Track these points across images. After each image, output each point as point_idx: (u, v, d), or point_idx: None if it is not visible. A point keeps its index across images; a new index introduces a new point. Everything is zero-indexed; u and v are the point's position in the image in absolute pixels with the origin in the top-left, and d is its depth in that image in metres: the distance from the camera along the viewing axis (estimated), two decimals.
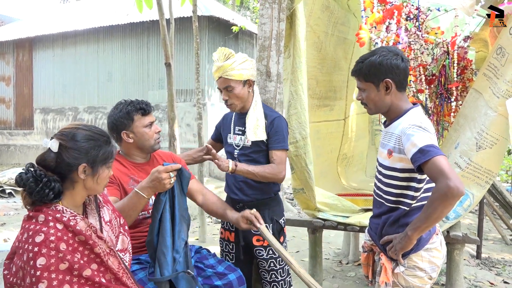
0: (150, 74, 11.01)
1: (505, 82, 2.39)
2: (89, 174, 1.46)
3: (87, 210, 1.56)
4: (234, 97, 2.17)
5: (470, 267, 4.13)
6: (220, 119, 2.47)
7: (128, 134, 2.03)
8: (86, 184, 1.47)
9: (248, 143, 2.23)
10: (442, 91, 3.17)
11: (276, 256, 2.26)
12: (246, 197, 2.25)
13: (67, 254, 1.35)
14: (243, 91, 2.18)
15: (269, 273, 2.27)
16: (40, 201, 1.40)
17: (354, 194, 3.72)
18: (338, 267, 4.21)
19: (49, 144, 1.44)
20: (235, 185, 2.28)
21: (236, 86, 2.15)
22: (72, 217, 1.41)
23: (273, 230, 2.26)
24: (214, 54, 2.19)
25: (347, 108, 4.44)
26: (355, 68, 1.83)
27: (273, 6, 2.50)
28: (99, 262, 1.44)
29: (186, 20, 9.83)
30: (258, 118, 2.18)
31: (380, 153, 1.87)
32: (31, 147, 13.08)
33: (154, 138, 2.07)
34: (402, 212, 1.76)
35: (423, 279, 1.75)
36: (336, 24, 3.80)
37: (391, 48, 1.80)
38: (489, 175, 2.55)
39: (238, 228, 2.18)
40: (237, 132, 2.29)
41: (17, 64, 13.35)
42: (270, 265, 2.27)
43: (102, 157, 1.49)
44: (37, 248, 1.32)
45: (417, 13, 2.94)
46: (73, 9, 15.21)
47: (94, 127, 1.54)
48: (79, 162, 1.44)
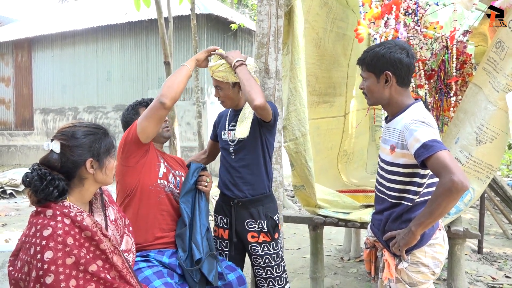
0: (149, 73, 11.01)
1: (504, 76, 2.39)
2: (97, 168, 1.51)
3: (93, 209, 1.60)
4: (223, 96, 2.25)
5: (472, 262, 4.13)
6: (216, 118, 2.50)
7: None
8: (97, 178, 1.53)
9: (243, 136, 2.25)
10: (442, 86, 3.17)
11: (271, 252, 2.26)
12: (241, 193, 2.26)
13: (74, 248, 1.37)
14: (232, 92, 2.23)
15: (264, 269, 2.27)
16: (45, 199, 1.42)
17: (354, 191, 3.72)
18: (339, 263, 4.21)
19: (51, 146, 1.46)
20: (230, 181, 2.29)
21: (224, 87, 2.22)
22: (79, 213, 1.44)
23: (268, 226, 2.27)
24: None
25: (347, 105, 4.43)
26: (361, 57, 1.84)
27: (271, 3, 2.49)
28: (104, 259, 1.46)
29: (185, 18, 9.82)
30: (248, 116, 2.20)
31: (382, 149, 1.86)
32: (31, 147, 13.09)
33: (162, 126, 2.14)
34: (405, 208, 1.76)
35: (426, 275, 1.75)
36: (335, 20, 3.79)
37: (399, 42, 1.79)
38: (489, 170, 2.55)
39: (231, 223, 2.26)
40: (231, 128, 2.31)
41: (16, 64, 13.35)
42: (265, 261, 2.27)
43: (105, 148, 1.54)
44: (44, 241, 1.34)
45: (416, 8, 2.93)
46: (71, 9, 15.19)
47: (90, 123, 1.59)
48: (85, 158, 1.48)
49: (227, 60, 2.14)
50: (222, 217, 2.34)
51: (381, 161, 1.87)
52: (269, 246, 2.27)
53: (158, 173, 2.07)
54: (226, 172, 2.31)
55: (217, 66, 2.17)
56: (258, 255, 2.27)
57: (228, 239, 2.33)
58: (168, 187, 2.10)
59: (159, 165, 2.08)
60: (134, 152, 1.97)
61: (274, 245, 2.28)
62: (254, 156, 2.25)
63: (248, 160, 2.25)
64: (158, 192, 2.05)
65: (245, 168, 2.25)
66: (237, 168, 2.26)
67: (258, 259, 2.27)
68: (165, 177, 2.09)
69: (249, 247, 2.28)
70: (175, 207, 2.12)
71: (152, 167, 2.05)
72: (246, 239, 2.27)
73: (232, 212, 2.28)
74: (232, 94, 2.24)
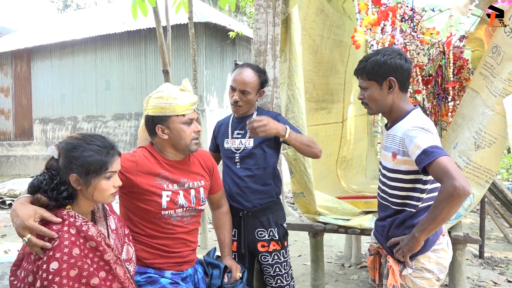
0: (148, 82, 11.03)
1: (501, 80, 2.39)
2: (83, 185, 1.44)
3: (96, 218, 1.58)
4: (246, 100, 2.21)
5: (473, 267, 4.11)
6: (215, 128, 2.46)
7: (163, 129, 1.82)
8: (85, 195, 1.47)
9: (250, 145, 2.23)
10: (439, 91, 3.18)
11: (281, 261, 2.25)
12: (249, 203, 2.22)
13: (79, 260, 1.36)
14: (254, 98, 2.25)
15: (274, 278, 2.25)
16: (55, 200, 1.41)
17: (354, 197, 3.71)
18: (340, 270, 4.19)
19: (50, 151, 1.46)
20: (237, 192, 2.24)
21: (252, 91, 2.21)
22: (84, 223, 1.43)
23: (279, 234, 2.24)
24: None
25: (344, 111, 4.44)
26: (358, 67, 1.83)
27: (268, 11, 2.50)
28: (107, 270, 1.45)
29: (183, 27, 9.86)
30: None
31: (383, 156, 1.87)
32: (31, 157, 13.07)
33: (192, 137, 1.85)
34: (408, 214, 1.76)
35: (431, 281, 1.75)
36: (332, 27, 3.81)
37: (394, 48, 1.82)
38: (488, 174, 2.54)
39: (241, 234, 2.21)
40: (235, 136, 2.28)
41: (16, 75, 13.38)
42: (276, 270, 2.25)
43: (95, 167, 1.43)
44: (51, 252, 1.33)
45: (412, 14, 2.95)
46: (70, 19, 15.27)
47: (99, 139, 1.49)
48: (70, 172, 1.42)
49: (271, 132, 2.06)
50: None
51: (382, 168, 1.87)
52: (279, 254, 2.25)
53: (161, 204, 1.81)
54: (232, 183, 2.26)
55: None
56: (268, 264, 2.24)
57: (236, 251, 2.28)
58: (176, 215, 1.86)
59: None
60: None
61: (284, 253, 2.27)
62: (263, 164, 2.22)
63: (255, 169, 2.22)
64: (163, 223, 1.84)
65: (252, 177, 2.21)
66: (244, 177, 2.22)
67: (268, 268, 2.25)
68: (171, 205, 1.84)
69: (260, 257, 2.25)
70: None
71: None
72: (256, 249, 2.24)
73: (241, 223, 2.24)
74: (253, 99, 2.24)
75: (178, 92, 1.83)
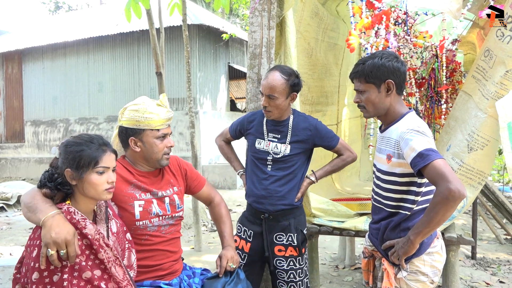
0: (141, 84, 10.99)
1: (493, 84, 2.42)
2: (76, 179, 1.50)
3: (97, 219, 1.61)
4: (274, 105, 2.17)
5: (466, 268, 4.15)
6: (243, 120, 2.39)
7: (136, 141, 1.84)
8: (80, 191, 1.52)
9: (287, 151, 2.21)
10: (432, 94, 3.21)
11: (297, 267, 2.22)
12: (272, 207, 2.20)
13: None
14: (284, 103, 2.19)
15: (287, 284, 2.22)
16: (63, 186, 1.48)
17: (348, 199, 3.73)
18: (334, 272, 4.21)
19: (53, 150, 1.56)
20: (262, 195, 2.21)
21: (279, 96, 2.15)
22: (82, 220, 1.47)
23: (298, 240, 2.21)
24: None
25: (339, 113, 4.46)
26: (355, 70, 1.82)
27: (263, 14, 2.51)
28: (103, 268, 1.48)
29: (176, 29, 9.85)
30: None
31: (378, 159, 1.87)
32: (22, 160, 12.95)
33: (164, 152, 1.86)
34: (403, 217, 1.76)
35: (425, 284, 1.76)
36: (326, 30, 3.83)
37: (390, 51, 1.82)
38: (481, 176, 2.57)
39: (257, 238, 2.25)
40: (271, 138, 2.24)
41: (7, 76, 13.26)
42: (290, 276, 2.21)
43: (84, 161, 1.48)
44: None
45: (405, 18, 2.97)
46: (62, 20, 15.16)
47: (93, 135, 1.57)
48: (64, 167, 1.49)
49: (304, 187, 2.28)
50: (246, 229, 2.29)
51: (377, 170, 1.87)
52: (295, 261, 2.22)
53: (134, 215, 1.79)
54: (258, 183, 2.24)
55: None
56: (283, 269, 2.21)
57: (248, 252, 2.26)
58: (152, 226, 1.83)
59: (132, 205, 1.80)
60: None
61: (300, 260, 2.24)
62: (295, 170, 2.21)
63: (287, 174, 2.20)
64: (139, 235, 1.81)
65: (280, 180, 2.20)
66: (274, 180, 2.20)
67: (282, 273, 2.22)
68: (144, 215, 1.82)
69: (275, 261, 2.22)
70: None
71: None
72: (272, 253, 2.22)
73: (263, 225, 2.22)
74: (284, 104, 2.18)
75: (154, 106, 1.85)
